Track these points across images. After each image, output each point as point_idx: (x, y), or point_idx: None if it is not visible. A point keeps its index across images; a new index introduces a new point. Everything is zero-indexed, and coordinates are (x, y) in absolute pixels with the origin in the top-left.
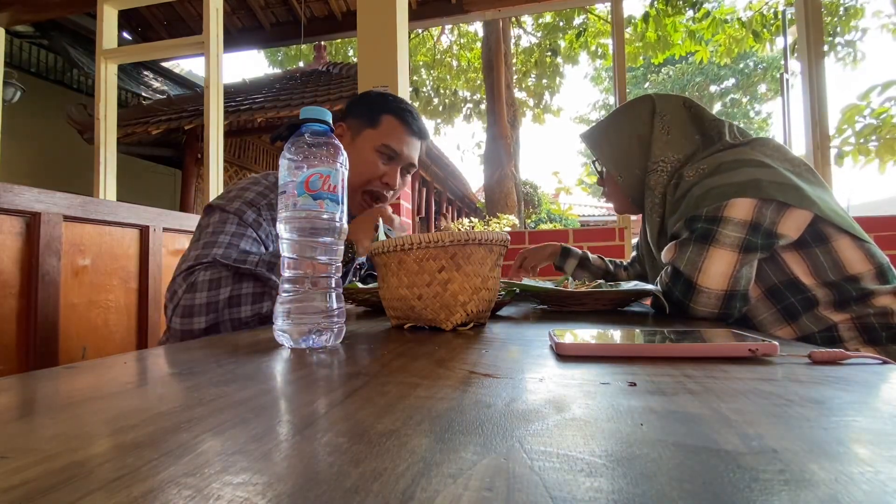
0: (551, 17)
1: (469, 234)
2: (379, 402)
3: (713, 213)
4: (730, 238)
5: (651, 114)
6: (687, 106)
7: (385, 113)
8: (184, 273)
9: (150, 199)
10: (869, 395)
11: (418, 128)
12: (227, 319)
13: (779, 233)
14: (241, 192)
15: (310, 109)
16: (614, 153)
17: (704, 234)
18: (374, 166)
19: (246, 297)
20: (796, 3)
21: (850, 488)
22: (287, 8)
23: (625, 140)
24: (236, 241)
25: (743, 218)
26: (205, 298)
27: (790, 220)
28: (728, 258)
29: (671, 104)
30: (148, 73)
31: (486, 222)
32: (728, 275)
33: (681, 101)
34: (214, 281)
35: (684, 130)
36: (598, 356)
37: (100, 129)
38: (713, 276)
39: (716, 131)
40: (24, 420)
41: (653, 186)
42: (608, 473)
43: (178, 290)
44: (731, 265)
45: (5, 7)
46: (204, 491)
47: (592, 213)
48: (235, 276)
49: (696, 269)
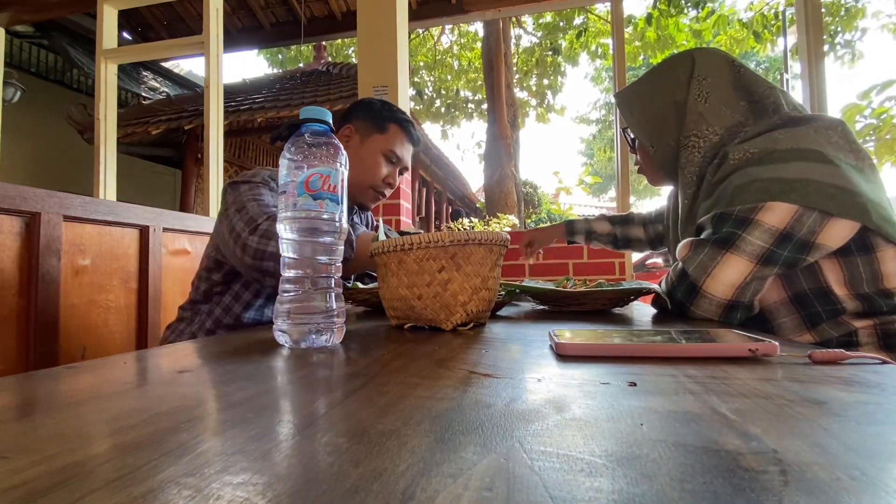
0: (551, 17)
1: (469, 234)
2: (379, 402)
3: (745, 214)
4: (752, 246)
5: (689, 76)
6: (733, 66)
7: (391, 122)
8: (249, 229)
9: (150, 199)
10: (869, 394)
11: (416, 137)
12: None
13: (817, 243)
14: (256, 172)
15: (310, 109)
16: (646, 120)
17: (725, 239)
18: (380, 168)
19: None
20: (796, 4)
21: (850, 488)
22: (287, 8)
23: (658, 105)
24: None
25: (776, 225)
26: (275, 246)
27: (834, 229)
28: (742, 267)
29: (713, 64)
30: (148, 73)
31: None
32: (736, 284)
33: (726, 61)
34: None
35: (727, 97)
36: (598, 356)
37: (100, 129)
38: (721, 284)
39: (771, 100)
40: (24, 420)
41: (683, 165)
42: (608, 473)
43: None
44: (742, 275)
45: (5, 7)
46: (204, 491)
47: (592, 213)
48: None
49: (706, 273)
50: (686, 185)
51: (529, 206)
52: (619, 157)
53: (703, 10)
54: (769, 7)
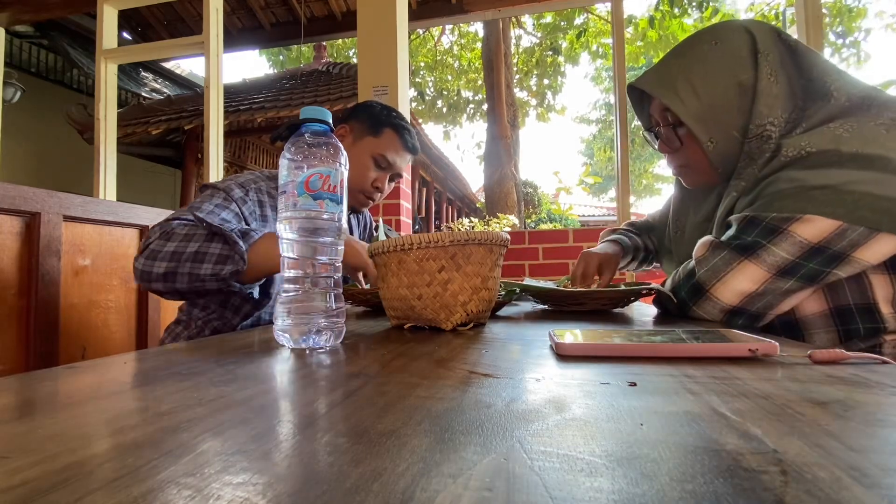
0: (552, 17)
1: (469, 234)
2: (379, 402)
3: (778, 223)
4: (774, 257)
5: (753, 52)
6: (783, 40)
7: (387, 126)
8: (161, 223)
9: (150, 199)
10: (869, 394)
11: (413, 144)
12: (186, 273)
13: (854, 257)
14: (236, 177)
15: (310, 109)
16: (703, 108)
17: (746, 247)
18: (368, 171)
19: (211, 256)
20: (796, 4)
21: (850, 488)
22: (287, 8)
23: (720, 88)
24: (218, 211)
25: (810, 239)
26: (173, 247)
27: (877, 245)
28: (756, 277)
29: (770, 39)
30: (148, 74)
31: (486, 222)
32: (746, 293)
33: (776, 34)
34: (188, 235)
35: (788, 78)
36: (598, 356)
37: (100, 129)
38: (730, 290)
39: (830, 80)
40: (24, 420)
41: (756, 156)
42: (608, 473)
43: (153, 235)
44: (754, 284)
45: (5, 7)
46: (204, 491)
47: (593, 213)
48: (209, 235)
49: (717, 278)
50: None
51: (529, 206)
52: (619, 157)
53: (707, 10)
54: (769, 7)
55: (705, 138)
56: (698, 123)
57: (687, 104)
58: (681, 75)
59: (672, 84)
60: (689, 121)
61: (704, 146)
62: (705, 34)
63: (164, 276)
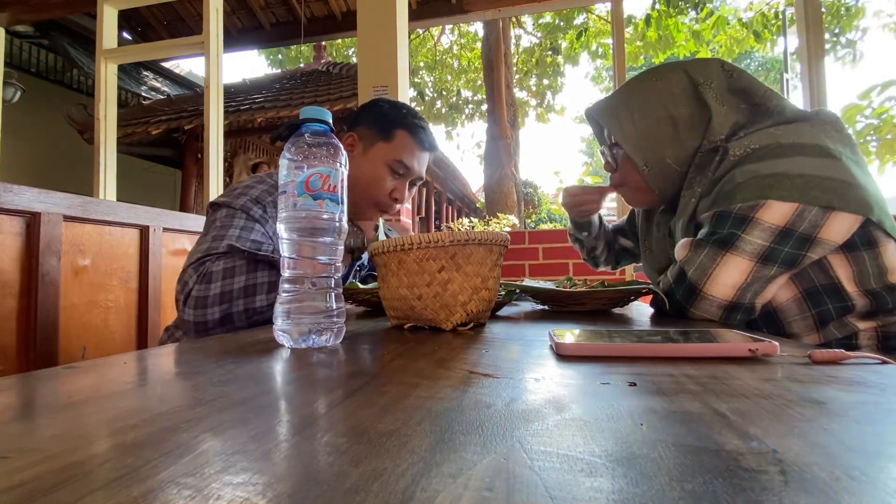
0: (551, 16)
1: (469, 234)
2: (379, 402)
3: (745, 213)
4: (751, 245)
5: (688, 88)
6: (725, 70)
7: (399, 127)
8: (195, 263)
9: (150, 199)
10: (869, 394)
11: (430, 142)
12: (242, 310)
13: (819, 238)
14: (246, 189)
15: (310, 109)
16: (637, 134)
17: (725, 240)
18: (384, 181)
19: (261, 286)
20: (796, 4)
21: (850, 488)
22: (287, 8)
23: (652, 120)
24: (246, 234)
25: (775, 223)
26: (219, 288)
27: (836, 223)
28: (742, 267)
29: (709, 70)
30: (148, 73)
31: (486, 222)
32: (737, 285)
33: (717, 65)
34: (228, 270)
35: (731, 100)
36: (598, 356)
37: (100, 129)
38: (721, 285)
39: (773, 102)
40: (24, 420)
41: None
42: (608, 473)
43: (190, 280)
44: (743, 275)
45: (5, 7)
46: (204, 491)
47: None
48: (250, 264)
49: (706, 275)
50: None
51: (529, 206)
52: None
53: (703, 10)
54: (769, 6)
55: (641, 162)
56: (633, 148)
57: (624, 129)
58: (623, 105)
59: (615, 112)
60: (624, 144)
61: (640, 169)
62: (649, 72)
63: (220, 321)
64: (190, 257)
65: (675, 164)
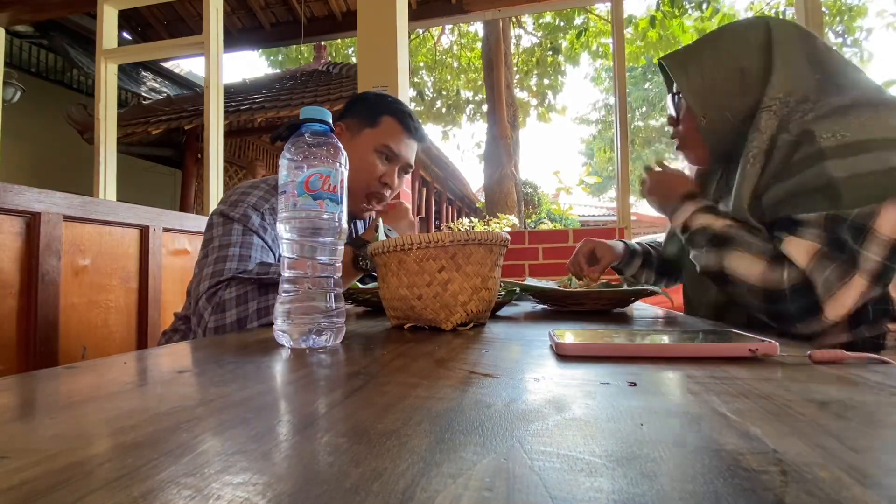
0: (551, 16)
1: (469, 234)
2: (379, 402)
3: (863, 221)
4: (870, 263)
5: (764, 43)
6: (807, 36)
7: (384, 114)
8: (206, 295)
9: (150, 199)
10: (869, 394)
11: (416, 130)
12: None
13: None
14: (242, 196)
15: (310, 109)
16: (704, 86)
17: (853, 259)
18: (374, 167)
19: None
20: (796, 4)
21: (850, 488)
22: (287, 8)
23: (721, 71)
24: (247, 252)
25: (890, 235)
26: (235, 316)
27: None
28: (862, 290)
29: (789, 31)
30: (148, 74)
31: (486, 222)
32: (850, 307)
33: (798, 30)
34: (241, 297)
35: (801, 65)
36: (598, 356)
37: (100, 129)
38: (840, 307)
39: (851, 76)
40: (24, 420)
41: (763, 130)
42: (608, 473)
43: (205, 313)
44: (860, 297)
45: (5, 7)
46: (204, 491)
47: (592, 213)
48: (261, 288)
49: (829, 294)
50: (760, 152)
51: (529, 206)
52: (619, 158)
53: (708, 9)
54: (769, 7)
55: (700, 113)
56: (695, 98)
57: (690, 79)
58: (694, 54)
59: (685, 61)
60: (686, 94)
61: (698, 120)
62: (729, 25)
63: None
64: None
65: (733, 117)
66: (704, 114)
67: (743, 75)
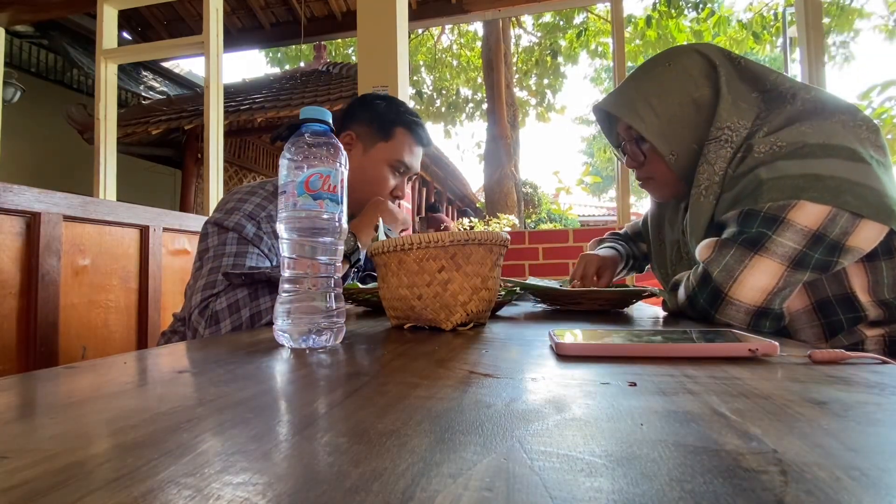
0: (551, 16)
1: (469, 234)
2: (379, 402)
3: (775, 212)
4: (783, 248)
5: (706, 71)
6: (732, 59)
7: (398, 126)
8: (198, 309)
9: (150, 199)
10: (869, 394)
11: (427, 138)
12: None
13: (847, 246)
14: (238, 203)
15: (310, 109)
16: (662, 125)
17: (754, 240)
18: (386, 181)
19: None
20: (796, 4)
21: (850, 488)
22: (287, 8)
23: (674, 107)
24: (241, 262)
25: (808, 225)
26: (229, 325)
27: (864, 232)
28: (773, 270)
29: (718, 55)
30: (148, 73)
31: (486, 222)
32: (767, 290)
33: (723, 54)
34: (232, 306)
35: (741, 89)
36: (598, 356)
37: (100, 129)
38: (749, 289)
39: (786, 87)
40: (24, 420)
41: (712, 161)
42: (608, 473)
43: (199, 327)
44: (774, 279)
45: (5, 7)
46: (204, 491)
47: (592, 213)
48: (252, 293)
49: (732, 278)
50: (713, 184)
51: (529, 205)
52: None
53: (704, 10)
54: (768, 8)
55: (667, 151)
56: (659, 138)
57: (647, 121)
58: (639, 95)
59: (632, 104)
60: (650, 136)
61: (667, 159)
62: (659, 58)
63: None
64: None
65: (699, 146)
66: (672, 151)
67: (697, 106)
